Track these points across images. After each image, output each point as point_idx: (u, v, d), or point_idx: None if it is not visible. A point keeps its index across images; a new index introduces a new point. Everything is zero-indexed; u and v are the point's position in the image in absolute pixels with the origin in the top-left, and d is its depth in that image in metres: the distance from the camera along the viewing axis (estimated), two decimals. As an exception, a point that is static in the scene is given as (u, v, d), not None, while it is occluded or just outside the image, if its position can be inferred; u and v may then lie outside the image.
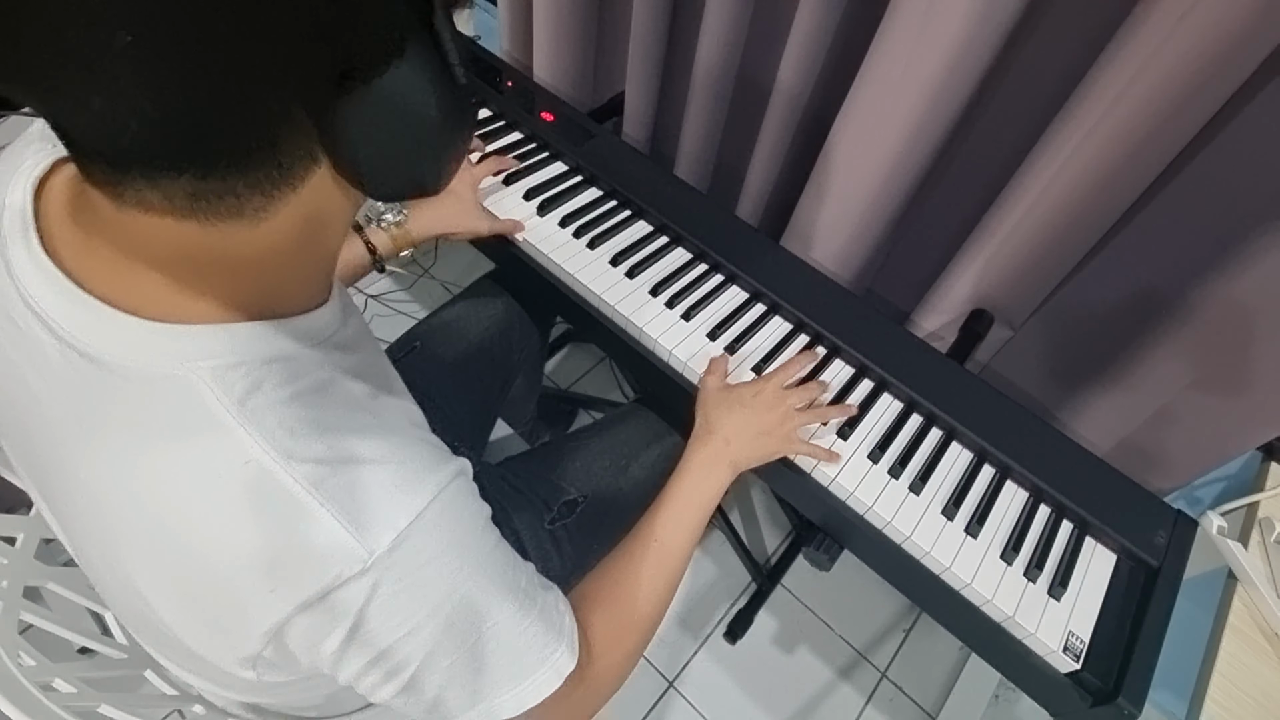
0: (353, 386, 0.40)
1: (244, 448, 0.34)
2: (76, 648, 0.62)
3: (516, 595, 0.43)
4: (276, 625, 0.36)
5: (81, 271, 0.35)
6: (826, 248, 0.94)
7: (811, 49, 0.86)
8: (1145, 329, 0.78)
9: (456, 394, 0.88)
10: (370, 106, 0.30)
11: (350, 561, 0.35)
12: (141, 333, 0.34)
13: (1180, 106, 0.63)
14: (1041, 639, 0.64)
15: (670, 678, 1.21)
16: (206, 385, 0.34)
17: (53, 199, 0.37)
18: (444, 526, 0.39)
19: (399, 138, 0.32)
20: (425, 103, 0.32)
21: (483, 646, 0.41)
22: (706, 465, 0.66)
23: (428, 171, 0.35)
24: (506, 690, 0.43)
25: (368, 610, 0.36)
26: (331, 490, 0.35)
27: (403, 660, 0.39)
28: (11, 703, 0.47)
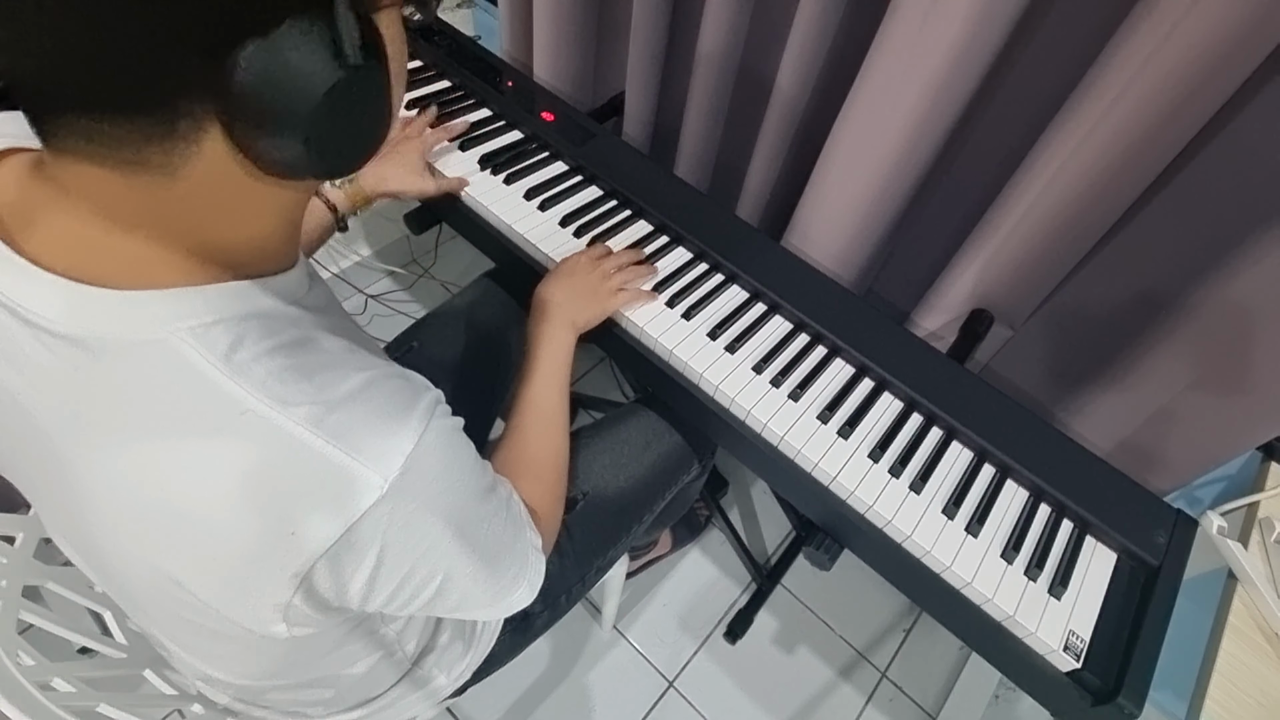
0: (328, 342, 0.41)
1: (238, 400, 0.35)
2: (76, 647, 0.62)
3: (494, 498, 0.48)
4: (304, 567, 0.36)
5: (41, 252, 0.35)
6: (827, 248, 0.94)
7: (812, 49, 0.86)
8: (1145, 329, 0.78)
9: (456, 394, 0.87)
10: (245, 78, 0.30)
11: (368, 491, 0.36)
12: (113, 302, 0.34)
13: (1180, 106, 0.63)
14: (1042, 638, 0.64)
15: (670, 678, 1.21)
16: (189, 345, 0.35)
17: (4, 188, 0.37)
18: (440, 444, 0.40)
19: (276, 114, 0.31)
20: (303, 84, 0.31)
21: (488, 550, 0.46)
22: (551, 331, 0.74)
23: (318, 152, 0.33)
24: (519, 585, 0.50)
25: (389, 536, 0.38)
26: (333, 427, 0.36)
27: (427, 575, 0.42)
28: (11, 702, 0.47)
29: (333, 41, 0.31)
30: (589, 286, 0.78)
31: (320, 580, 0.38)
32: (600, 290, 0.79)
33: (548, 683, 1.18)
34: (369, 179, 0.83)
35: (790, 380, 0.78)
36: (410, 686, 0.68)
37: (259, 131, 0.32)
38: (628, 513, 0.84)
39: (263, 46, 0.29)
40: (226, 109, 0.31)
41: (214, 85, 0.30)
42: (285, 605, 0.38)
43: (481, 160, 0.95)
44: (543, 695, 1.17)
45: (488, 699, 1.15)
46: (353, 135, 0.35)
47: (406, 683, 0.67)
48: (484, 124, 1.01)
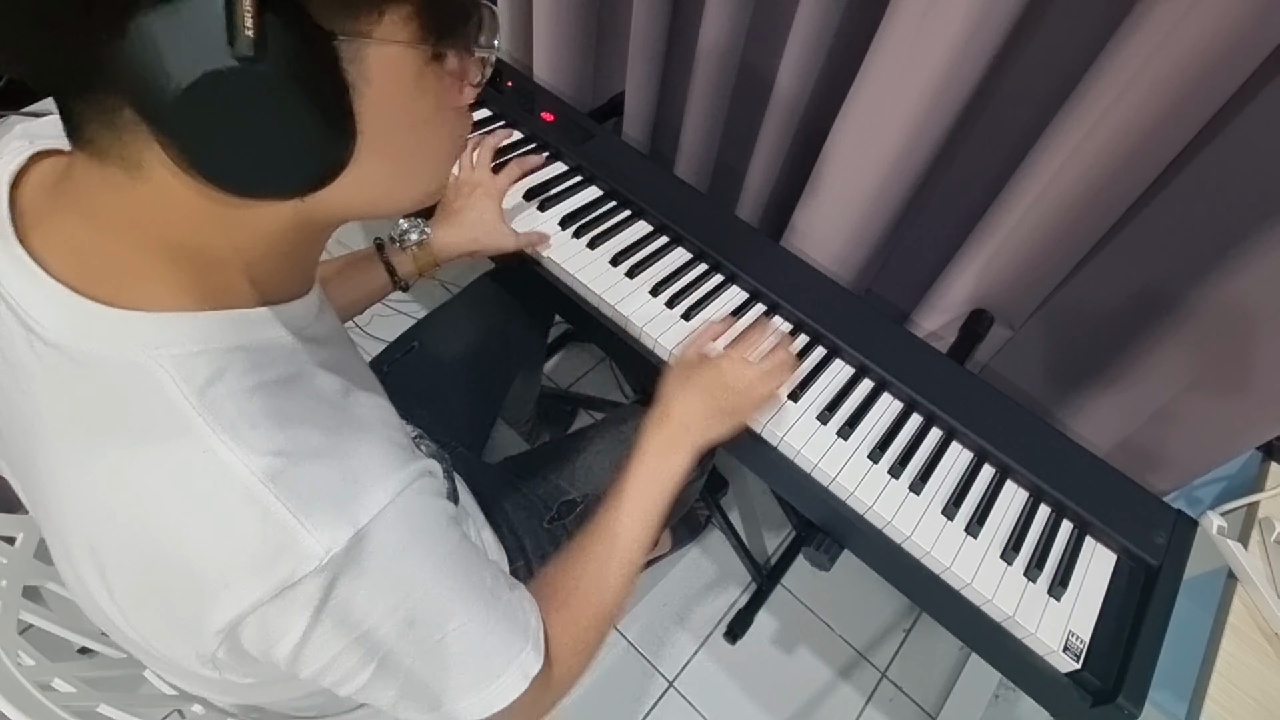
0: (322, 382, 0.40)
1: (201, 437, 0.34)
2: (76, 648, 0.62)
3: (481, 595, 0.42)
4: (230, 623, 0.35)
5: (51, 257, 0.35)
6: (826, 248, 0.94)
7: (811, 49, 0.86)
8: (1145, 329, 0.78)
9: (456, 394, 0.88)
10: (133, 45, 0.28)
11: (305, 559, 0.34)
12: (103, 317, 0.34)
13: (1180, 106, 0.63)
14: (1041, 639, 0.64)
15: (670, 678, 1.21)
16: (167, 373, 0.34)
17: (29, 190, 0.37)
18: (404, 525, 0.38)
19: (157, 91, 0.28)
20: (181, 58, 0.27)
21: (445, 649, 0.41)
22: (664, 453, 0.63)
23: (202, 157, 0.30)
24: (472, 694, 0.42)
25: (323, 610, 0.35)
26: (289, 483, 0.34)
27: (362, 660, 0.38)
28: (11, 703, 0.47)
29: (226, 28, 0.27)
30: (732, 403, 0.67)
31: (246, 637, 0.36)
32: (743, 405, 0.68)
33: (548, 683, 1.18)
34: (443, 239, 0.76)
35: (790, 380, 0.78)
36: None
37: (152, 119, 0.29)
38: (627, 513, 0.83)
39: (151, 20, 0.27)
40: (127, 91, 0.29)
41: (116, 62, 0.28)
42: (210, 656, 0.37)
43: (481, 160, 0.95)
44: (543, 695, 1.17)
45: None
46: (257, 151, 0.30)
47: None
48: (484, 124, 1.01)
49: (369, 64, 0.32)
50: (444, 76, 0.36)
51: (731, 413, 0.67)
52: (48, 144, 0.39)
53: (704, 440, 0.65)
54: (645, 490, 0.61)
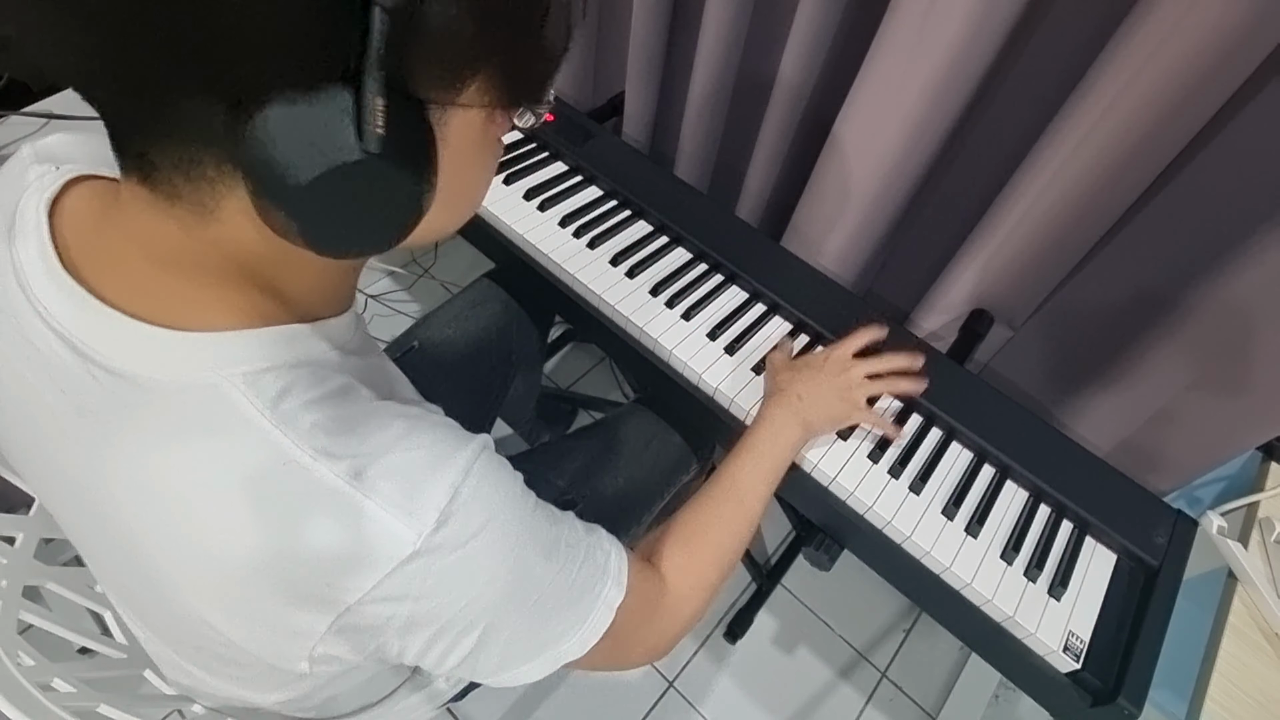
0: (368, 388, 0.41)
1: (283, 449, 0.35)
2: (76, 648, 0.62)
3: (564, 550, 0.44)
4: (336, 620, 0.36)
5: (102, 284, 0.35)
6: (826, 248, 0.94)
7: (812, 49, 0.86)
8: (1145, 329, 0.78)
9: (456, 394, 0.88)
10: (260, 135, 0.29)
11: (401, 545, 0.35)
12: (166, 341, 0.35)
13: (1180, 106, 0.63)
14: (1041, 639, 0.64)
15: (670, 678, 1.21)
16: (239, 391, 0.35)
17: (69, 217, 0.38)
18: (482, 497, 0.39)
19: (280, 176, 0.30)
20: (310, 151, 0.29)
21: (542, 604, 0.42)
22: (781, 421, 0.68)
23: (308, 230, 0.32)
24: (569, 638, 0.45)
25: (424, 590, 0.37)
26: (372, 480, 0.35)
27: (465, 629, 0.40)
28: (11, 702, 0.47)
29: (355, 123, 0.29)
30: (837, 389, 0.72)
31: (351, 631, 0.38)
32: (848, 397, 0.72)
33: (548, 683, 1.18)
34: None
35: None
36: (411, 690, 0.68)
37: (261, 190, 0.31)
38: (628, 513, 0.84)
39: (280, 107, 0.29)
40: (240, 161, 0.30)
41: (232, 136, 0.29)
42: (310, 651, 0.38)
43: (481, 160, 0.95)
44: (543, 695, 1.17)
45: (488, 699, 1.15)
46: (360, 222, 0.33)
47: (408, 687, 0.67)
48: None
49: (450, 125, 0.34)
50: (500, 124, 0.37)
51: (838, 396, 0.71)
52: (76, 169, 0.40)
53: (816, 417, 0.70)
54: (764, 452, 0.66)
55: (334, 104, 0.29)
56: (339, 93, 0.29)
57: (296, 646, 0.38)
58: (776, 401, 0.70)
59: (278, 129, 0.29)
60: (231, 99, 0.29)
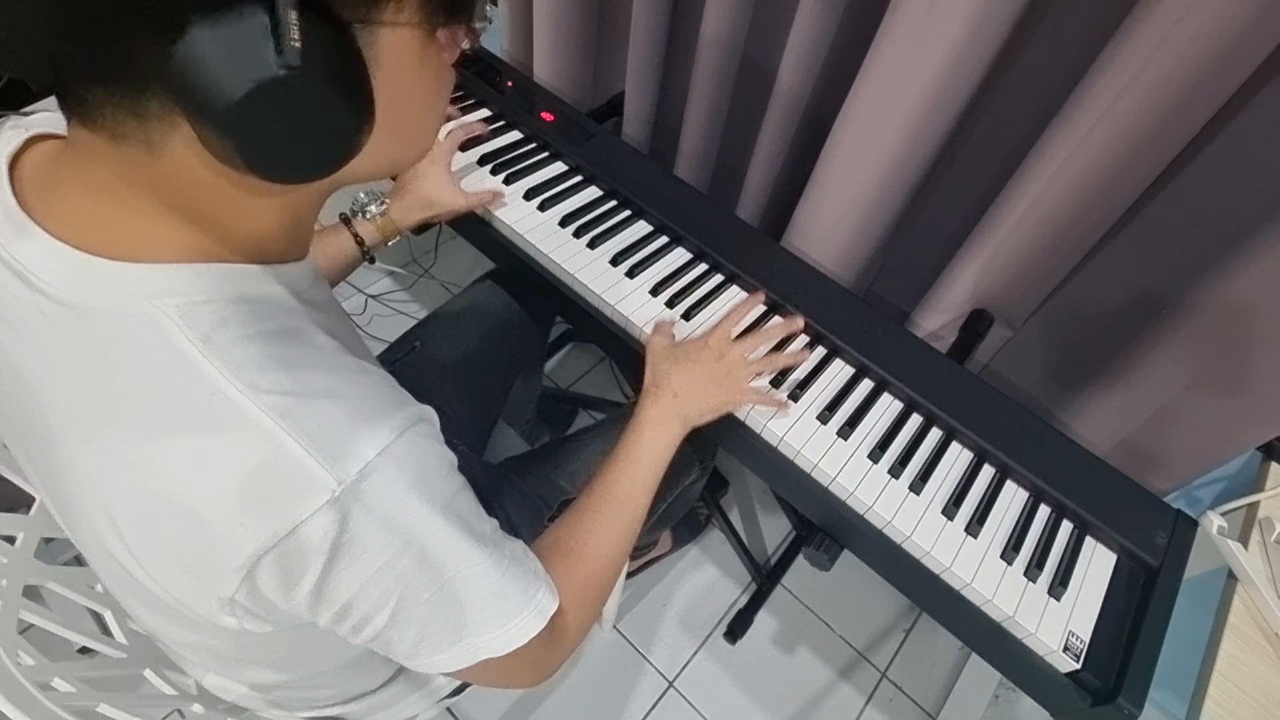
0: (321, 339, 0.41)
1: (209, 379, 0.35)
2: (76, 647, 0.62)
3: (486, 540, 0.44)
4: (249, 561, 0.35)
5: (52, 220, 0.36)
6: (826, 248, 0.94)
7: (812, 49, 0.86)
8: (1145, 329, 0.78)
9: (456, 394, 0.88)
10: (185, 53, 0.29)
11: (318, 491, 0.35)
12: (109, 272, 0.35)
13: (1180, 107, 0.63)
14: (1041, 639, 0.64)
15: (670, 678, 1.21)
16: (172, 321, 0.35)
17: (29, 167, 0.39)
18: (411, 461, 0.39)
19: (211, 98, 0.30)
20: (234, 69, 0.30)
21: (462, 584, 0.42)
22: (656, 421, 0.66)
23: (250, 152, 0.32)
24: (492, 630, 0.44)
25: (339, 544, 0.36)
26: (299, 420, 0.35)
27: (380, 597, 0.39)
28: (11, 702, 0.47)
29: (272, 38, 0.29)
30: (715, 377, 0.70)
31: (265, 580, 0.37)
32: (726, 383, 0.70)
33: (548, 682, 1.18)
34: (396, 209, 0.80)
35: (790, 380, 0.78)
36: (408, 684, 0.68)
37: (197, 116, 0.31)
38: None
39: (202, 30, 0.29)
40: (173, 91, 0.30)
41: (163, 65, 0.30)
42: (229, 600, 0.37)
43: (481, 160, 0.95)
44: (543, 695, 1.17)
45: (488, 698, 1.15)
46: (299, 144, 0.33)
47: (403, 681, 0.67)
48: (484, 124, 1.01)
49: (381, 48, 0.34)
50: (441, 47, 0.37)
51: (716, 385, 0.70)
52: (43, 129, 0.41)
53: (694, 410, 0.68)
54: (641, 456, 0.64)
55: (252, 22, 0.29)
56: (256, 11, 0.29)
57: (213, 594, 0.38)
58: (653, 399, 0.68)
59: (202, 51, 0.29)
60: (158, 27, 0.29)
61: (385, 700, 0.67)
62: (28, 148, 0.40)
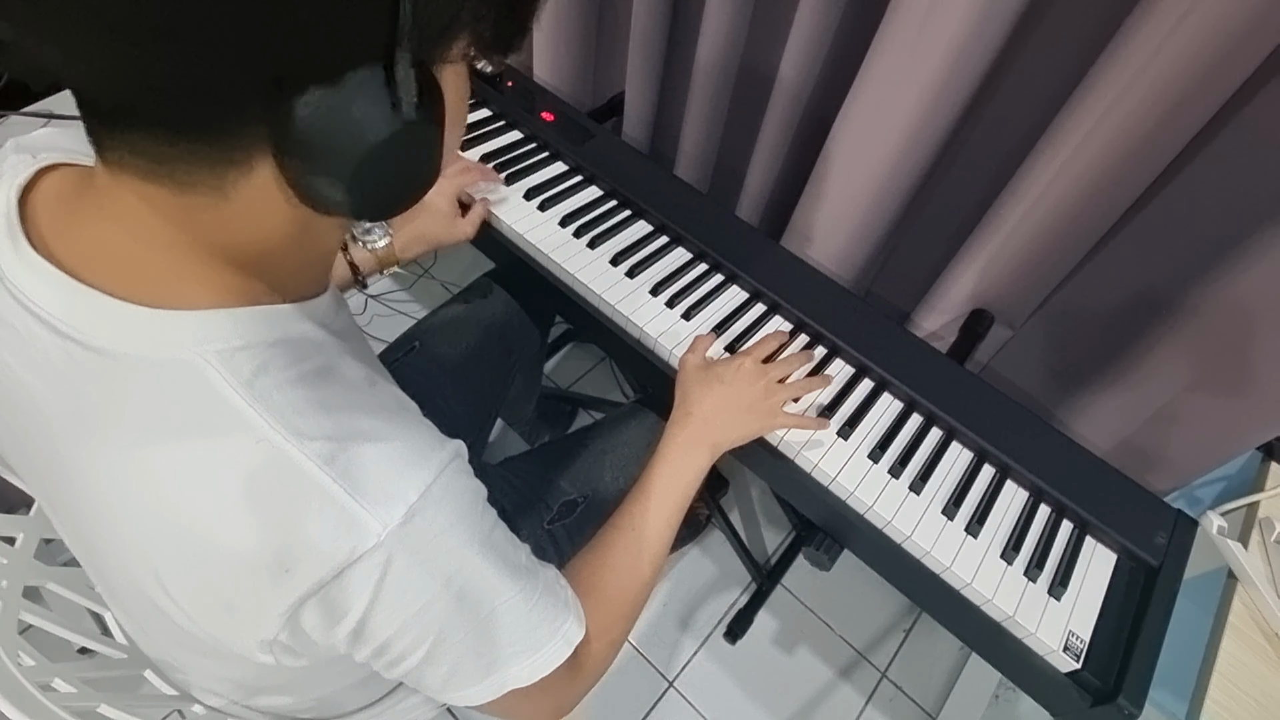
0: (351, 371, 0.41)
1: (254, 428, 0.35)
2: (76, 648, 0.62)
3: (520, 571, 0.44)
4: (293, 606, 0.36)
5: (79, 265, 0.35)
6: (826, 248, 0.94)
7: (812, 49, 0.86)
8: (1145, 329, 0.78)
9: (456, 394, 0.88)
10: (303, 117, 0.30)
11: (364, 536, 0.35)
12: (145, 319, 0.35)
13: (1180, 107, 0.63)
14: (1041, 639, 0.64)
15: (670, 678, 1.21)
16: (213, 368, 0.35)
17: (42, 201, 0.38)
18: (449, 501, 0.39)
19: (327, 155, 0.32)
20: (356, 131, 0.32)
21: (495, 620, 0.42)
22: (685, 448, 0.65)
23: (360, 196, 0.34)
24: (518, 662, 0.44)
25: (383, 586, 0.36)
26: (343, 466, 0.35)
27: (419, 636, 0.39)
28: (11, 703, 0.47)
29: (391, 95, 0.31)
30: (747, 402, 0.68)
31: (307, 621, 0.37)
32: (759, 408, 0.69)
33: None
34: (403, 239, 0.80)
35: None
36: (410, 691, 0.68)
37: (308, 169, 0.32)
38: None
39: (325, 92, 0.30)
40: (281, 144, 0.32)
41: (273, 121, 0.31)
42: (271, 641, 0.38)
43: (481, 160, 0.95)
44: (543, 695, 1.17)
45: (488, 699, 1.15)
46: (398, 183, 0.36)
47: (404, 687, 0.67)
48: (484, 124, 1.01)
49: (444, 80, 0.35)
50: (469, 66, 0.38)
51: (749, 409, 0.68)
52: (53, 158, 0.40)
53: (725, 438, 0.67)
54: (668, 486, 0.63)
55: (370, 82, 0.31)
56: (372, 70, 0.31)
57: (254, 635, 0.38)
58: (682, 425, 0.66)
59: (324, 112, 0.30)
60: (272, 90, 0.30)
61: (387, 706, 0.67)
62: (38, 180, 0.39)
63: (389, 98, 0.31)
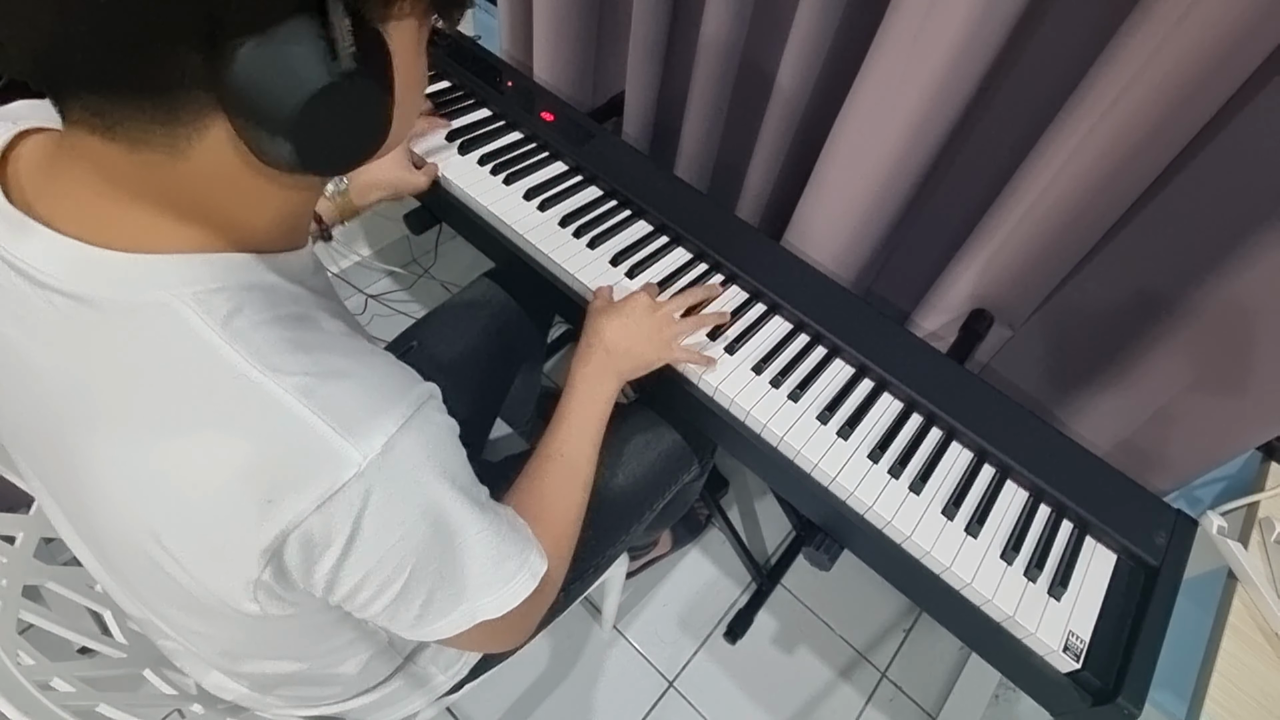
0: (329, 323, 0.42)
1: (232, 364, 0.35)
2: (76, 647, 0.62)
3: (485, 507, 0.46)
4: (276, 539, 0.36)
5: (57, 218, 0.36)
6: (826, 248, 0.94)
7: (812, 48, 0.86)
8: (1145, 329, 0.78)
9: (456, 394, 0.88)
10: (240, 69, 0.31)
11: (346, 466, 0.36)
12: (122, 264, 0.36)
13: (1180, 107, 0.63)
14: (1041, 639, 0.64)
15: (670, 678, 1.21)
16: (190, 308, 0.36)
17: (21, 164, 0.39)
18: (426, 434, 0.40)
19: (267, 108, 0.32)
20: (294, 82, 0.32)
21: (467, 551, 0.44)
22: (592, 379, 0.70)
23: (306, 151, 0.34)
24: (490, 593, 0.46)
25: (363, 517, 0.37)
26: (322, 399, 0.36)
27: (396, 568, 0.41)
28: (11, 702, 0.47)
29: (326, 47, 0.32)
30: (644, 332, 0.73)
31: (290, 557, 0.38)
32: (656, 339, 0.74)
33: (547, 682, 1.18)
34: (358, 187, 0.81)
35: (790, 380, 0.78)
36: (407, 682, 0.68)
37: (252, 123, 0.33)
38: (627, 511, 0.84)
39: (257, 45, 0.30)
40: (224, 100, 0.32)
41: (211, 77, 0.31)
42: (255, 581, 0.38)
43: (481, 160, 0.95)
44: (542, 695, 1.17)
45: (487, 698, 1.15)
46: (345, 138, 0.36)
47: (403, 677, 0.67)
48: (484, 124, 1.01)
49: (394, 38, 0.36)
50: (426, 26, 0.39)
51: (646, 340, 0.73)
52: (29, 124, 0.41)
53: (626, 366, 0.72)
54: (583, 413, 0.68)
55: (306, 33, 0.31)
56: (307, 22, 0.31)
57: (240, 576, 0.38)
58: (586, 359, 0.71)
59: (260, 64, 0.31)
60: (210, 43, 0.30)
61: (385, 699, 0.67)
62: (16, 143, 0.40)
63: (324, 50, 0.32)
